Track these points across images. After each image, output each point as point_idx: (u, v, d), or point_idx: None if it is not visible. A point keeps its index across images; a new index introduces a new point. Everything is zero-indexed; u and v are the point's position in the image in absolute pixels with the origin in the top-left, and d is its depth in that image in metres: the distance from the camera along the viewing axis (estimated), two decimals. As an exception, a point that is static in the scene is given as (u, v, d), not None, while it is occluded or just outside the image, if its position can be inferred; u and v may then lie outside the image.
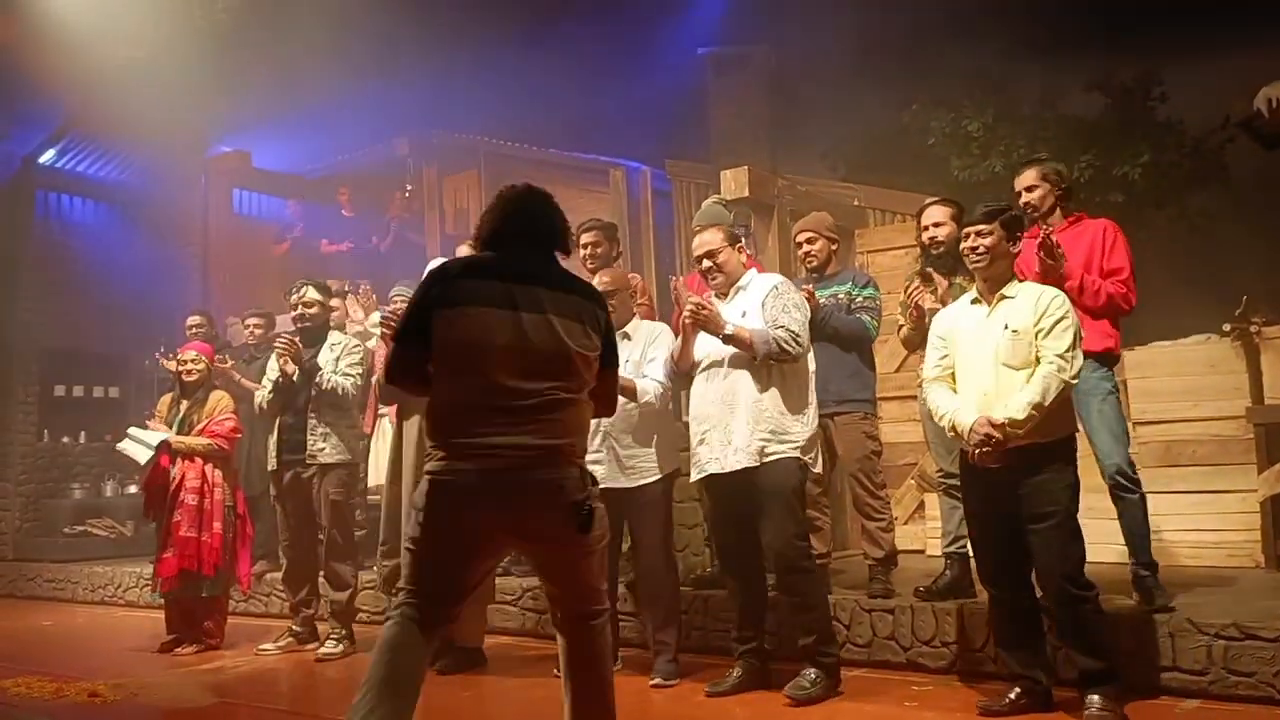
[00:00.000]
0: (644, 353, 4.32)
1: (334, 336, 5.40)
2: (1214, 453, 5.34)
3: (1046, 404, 3.36)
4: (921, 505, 6.23)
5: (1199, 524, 5.25)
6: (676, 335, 4.26)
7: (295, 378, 5.17)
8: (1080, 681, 3.43)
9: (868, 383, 4.68)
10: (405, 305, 3.07)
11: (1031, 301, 3.51)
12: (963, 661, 4.08)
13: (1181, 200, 8.57)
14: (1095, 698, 3.36)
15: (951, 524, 4.46)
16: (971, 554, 3.88)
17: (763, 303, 3.91)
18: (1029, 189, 4.20)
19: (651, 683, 4.14)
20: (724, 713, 3.83)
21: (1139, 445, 5.45)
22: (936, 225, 4.49)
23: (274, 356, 5.32)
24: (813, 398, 4.00)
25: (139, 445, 5.51)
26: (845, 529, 6.07)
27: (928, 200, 4.70)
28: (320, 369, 5.17)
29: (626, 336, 4.35)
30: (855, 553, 5.48)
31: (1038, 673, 3.54)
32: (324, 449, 5.16)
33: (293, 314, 5.46)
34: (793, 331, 3.82)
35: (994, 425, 3.38)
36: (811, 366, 4.03)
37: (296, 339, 5.28)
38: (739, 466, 3.83)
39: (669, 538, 4.38)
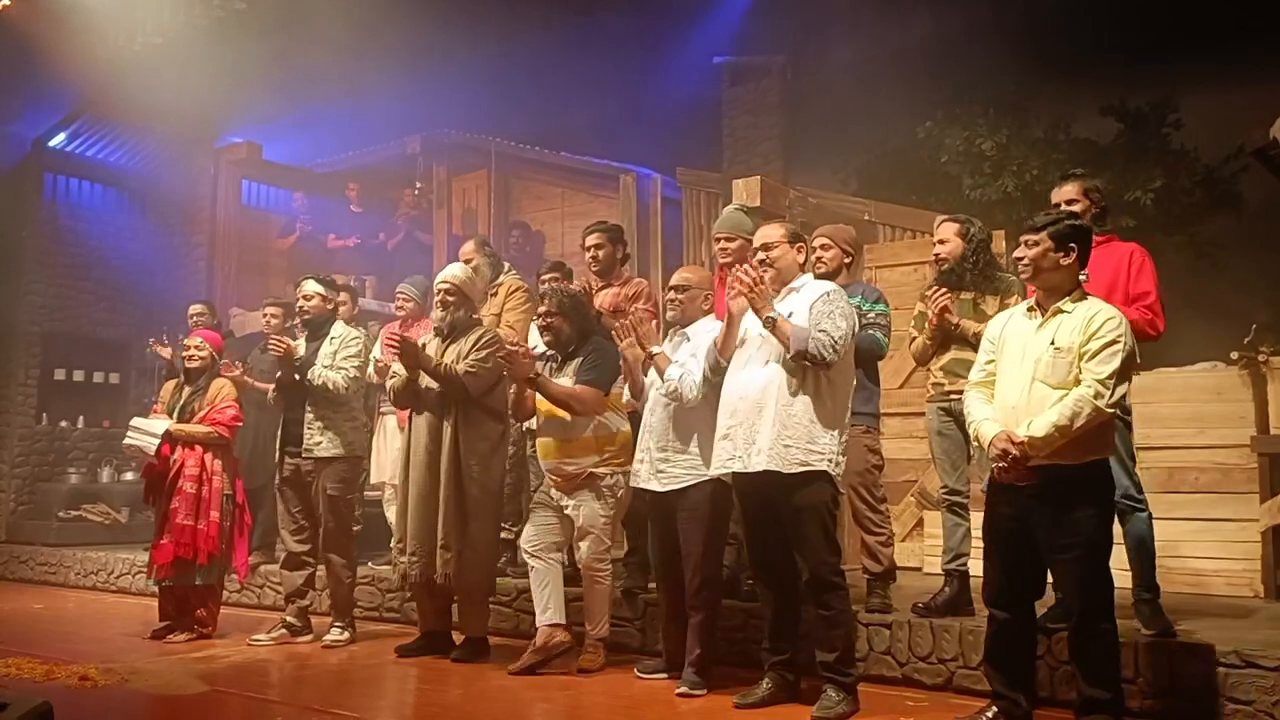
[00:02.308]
0: (696, 352, 4.22)
1: (336, 329, 5.38)
2: (1217, 481, 5.32)
3: (1073, 428, 3.23)
4: (920, 522, 6.21)
5: (1199, 551, 5.23)
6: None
7: (294, 375, 5.19)
8: (1081, 707, 3.37)
9: (871, 397, 4.65)
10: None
11: (1084, 319, 3.34)
12: (959, 679, 4.05)
13: (1192, 227, 8.57)
14: None
15: (953, 541, 4.44)
16: (973, 571, 3.85)
17: (811, 306, 3.80)
18: (1070, 202, 4.07)
19: (678, 691, 4.09)
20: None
21: (1141, 470, 5.41)
22: (941, 242, 4.50)
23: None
24: (848, 414, 3.87)
25: (145, 436, 5.49)
26: (844, 543, 6.04)
27: (941, 217, 4.71)
28: (312, 364, 5.17)
29: (686, 337, 4.31)
30: (853, 567, 5.46)
31: (1019, 695, 3.47)
32: (320, 443, 5.18)
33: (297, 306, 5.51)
34: (832, 338, 3.69)
35: (1014, 443, 3.30)
36: (853, 381, 3.92)
37: (286, 338, 5.27)
38: (762, 468, 3.73)
39: (714, 545, 4.24)
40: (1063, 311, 3.40)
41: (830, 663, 3.77)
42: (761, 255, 3.96)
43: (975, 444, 3.58)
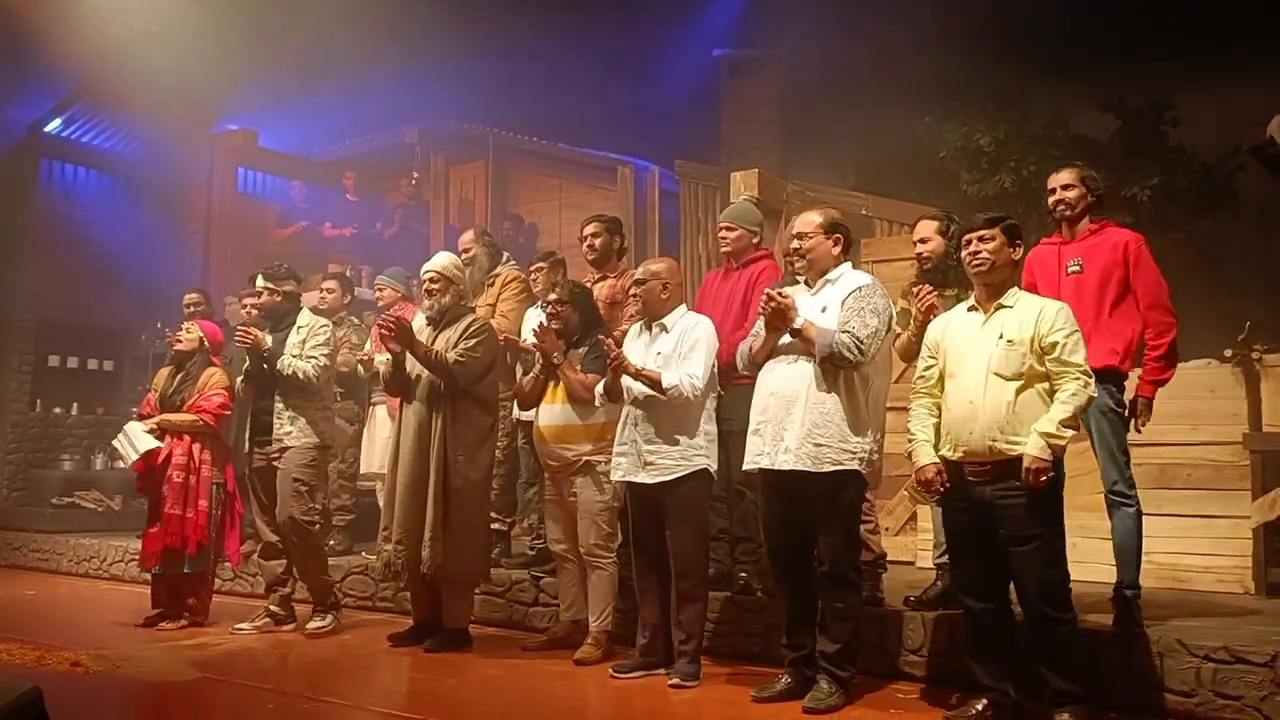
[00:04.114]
0: (677, 346, 4.22)
1: (302, 318, 5.35)
2: (1209, 477, 5.32)
3: (1078, 419, 3.39)
4: (914, 517, 6.21)
5: (1190, 548, 5.23)
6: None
7: (263, 365, 5.18)
8: (1051, 701, 3.42)
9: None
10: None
11: (1032, 313, 3.47)
12: (949, 671, 4.06)
13: (1188, 225, 8.57)
14: (1065, 716, 3.36)
15: (944, 535, 4.44)
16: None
17: (843, 301, 3.79)
18: (1065, 187, 4.09)
19: (670, 683, 4.09)
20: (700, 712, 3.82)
21: (1134, 466, 5.42)
22: (923, 241, 4.50)
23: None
24: (881, 414, 3.85)
25: (129, 447, 5.45)
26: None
27: (922, 215, 4.72)
28: (280, 355, 5.14)
29: (664, 329, 4.31)
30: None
31: (1007, 686, 3.52)
32: (290, 432, 5.15)
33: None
34: (857, 338, 3.66)
35: (1039, 464, 3.33)
36: (891, 376, 3.89)
37: (254, 329, 5.23)
38: (789, 467, 3.72)
39: (699, 537, 4.25)
40: (1005, 306, 3.53)
41: (830, 654, 3.77)
42: (795, 244, 3.96)
43: (907, 457, 3.68)
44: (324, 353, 5.23)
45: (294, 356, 5.16)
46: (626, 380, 4.23)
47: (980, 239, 3.53)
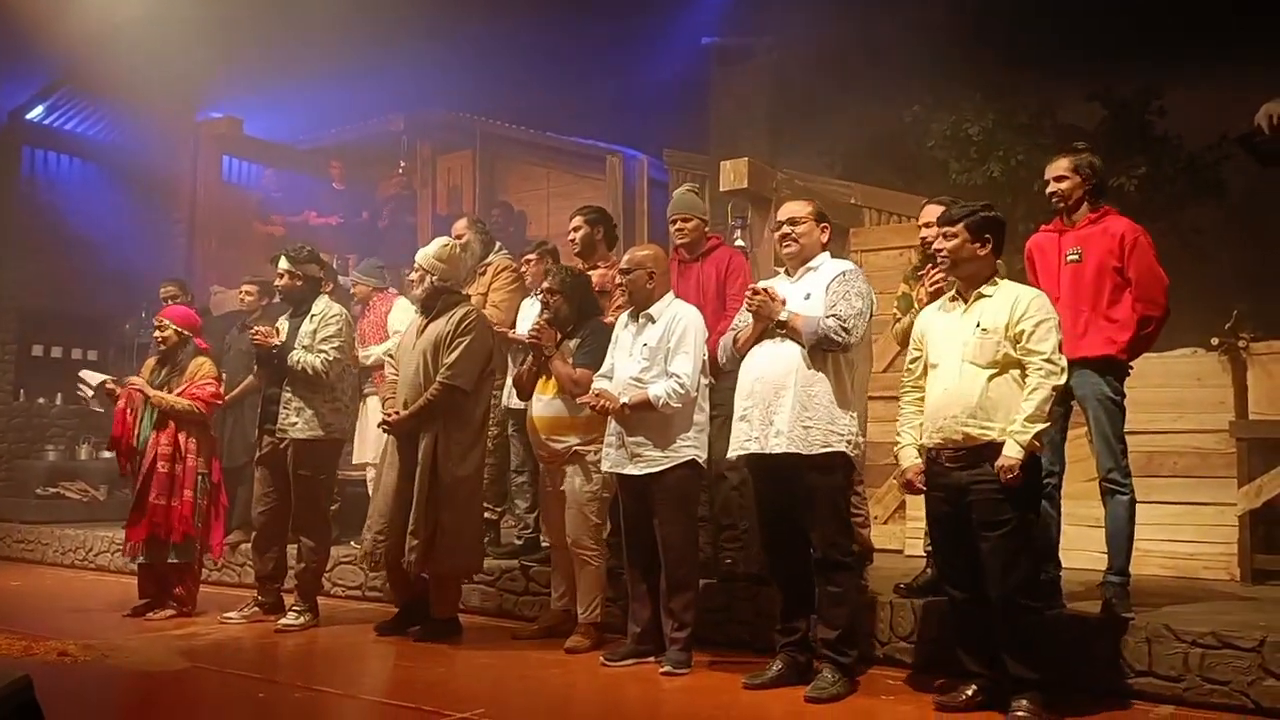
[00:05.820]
0: (664, 337, 4.20)
1: (318, 305, 5.26)
2: (1195, 465, 5.36)
3: (1046, 412, 3.40)
4: (902, 505, 6.23)
5: (1177, 535, 5.27)
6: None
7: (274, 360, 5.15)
8: (1011, 687, 3.44)
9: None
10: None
11: (1008, 302, 3.52)
12: (939, 658, 4.08)
13: (1174, 214, 8.60)
14: (1023, 702, 3.38)
15: (927, 524, 4.46)
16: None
17: (827, 287, 3.83)
18: (1058, 179, 4.11)
19: (662, 670, 4.10)
20: (690, 705, 3.83)
21: (1121, 455, 5.47)
22: (927, 225, 4.51)
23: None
24: (863, 399, 3.91)
25: (86, 387, 5.82)
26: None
27: (925, 200, 4.72)
28: (291, 348, 5.09)
29: (651, 319, 4.29)
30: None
31: (995, 672, 3.54)
32: (296, 423, 5.08)
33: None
34: (842, 320, 3.71)
35: (1009, 462, 3.36)
36: (870, 360, 3.95)
37: (268, 329, 5.19)
38: (781, 450, 3.74)
39: (689, 527, 4.25)
40: (984, 296, 3.58)
41: (831, 640, 3.79)
42: (787, 229, 3.97)
43: (893, 458, 3.76)
44: (334, 345, 5.11)
45: (304, 348, 5.09)
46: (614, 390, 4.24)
47: (943, 235, 3.61)
